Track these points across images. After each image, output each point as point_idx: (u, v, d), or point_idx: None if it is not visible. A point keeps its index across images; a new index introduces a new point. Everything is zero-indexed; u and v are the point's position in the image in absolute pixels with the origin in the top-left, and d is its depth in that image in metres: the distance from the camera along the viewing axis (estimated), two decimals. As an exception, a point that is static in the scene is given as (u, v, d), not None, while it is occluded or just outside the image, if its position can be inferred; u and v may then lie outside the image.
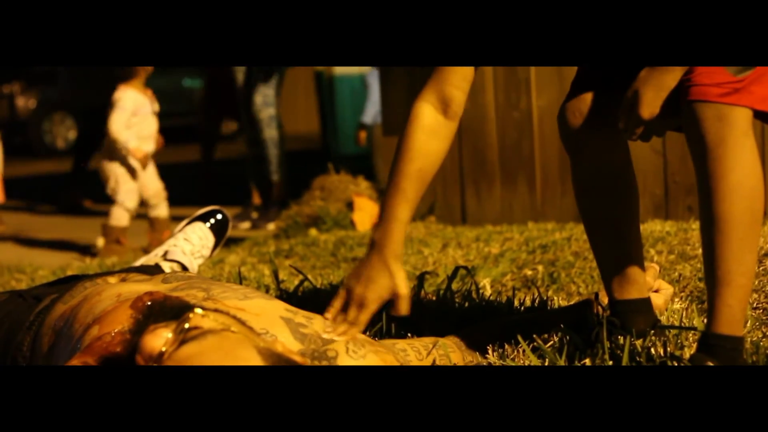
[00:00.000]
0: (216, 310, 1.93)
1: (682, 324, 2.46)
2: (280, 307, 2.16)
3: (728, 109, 1.92)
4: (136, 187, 5.65)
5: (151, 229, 5.74)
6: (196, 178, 8.43)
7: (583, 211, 2.35)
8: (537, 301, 2.91)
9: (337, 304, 2.23)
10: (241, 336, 1.80)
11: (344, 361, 2.08)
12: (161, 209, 5.74)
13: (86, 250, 5.79)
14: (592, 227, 2.34)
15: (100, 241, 5.70)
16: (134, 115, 5.59)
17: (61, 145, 14.31)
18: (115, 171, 5.62)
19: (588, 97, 2.25)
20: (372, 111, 7.62)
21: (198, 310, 1.83)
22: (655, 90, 1.99)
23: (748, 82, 1.93)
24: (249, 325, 1.96)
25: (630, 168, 2.30)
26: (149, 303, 2.05)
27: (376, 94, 7.09)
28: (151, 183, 5.71)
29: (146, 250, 5.43)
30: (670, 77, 1.98)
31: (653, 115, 2.01)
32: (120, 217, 5.64)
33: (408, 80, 5.12)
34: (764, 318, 2.64)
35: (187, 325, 1.76)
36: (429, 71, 5.52)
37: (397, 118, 5.17)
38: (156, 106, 5.75)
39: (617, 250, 2.31)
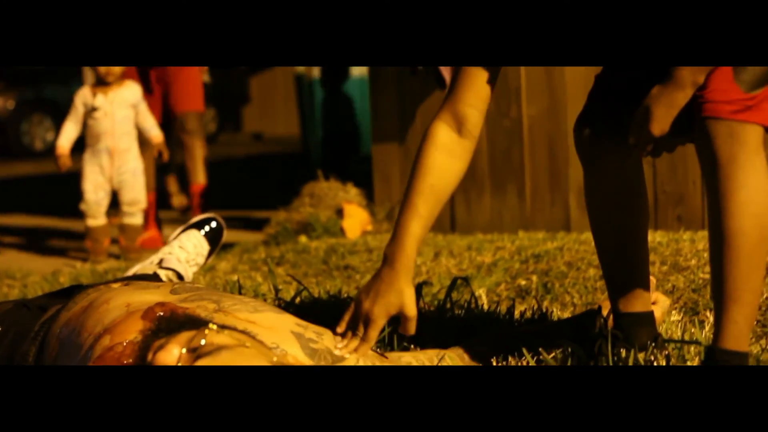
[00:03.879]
0: (224, 326, 1.93)
1: (683, 338, 2.48)
2: (291, 321, 2.16)
3: (740, 126, 1.95)
4: (89, 187, 5.33)
5: (122, 235, 5.44)
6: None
7: (593, 221, 2.37)
8: (536, 313, 2.92)
9: (347, 317, 2.24)
10: (255, 351, 1.81)
11: (355, 378, 2.09)
12: (134, 218, 5.41)
13: (73, 253, 5.74)
14: (601, 237, 2.36)
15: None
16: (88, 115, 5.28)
17: (39, 146, 14.17)
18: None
19: (603, 110, 2.27)
20: None
21: (212, 326, 1.84)
22: (665, 107, 2.01)
23: (760, 99, 1.96)
24: (260, 339, 1.97)
25: (642, 182, 2.33)
26: (161, 314, 2.05)
27: None
28: (130, 191, 5.36)
29: (124, 256, 5.32)
30: (681, 95, 2.00)
31: (663, 132, 2.03)
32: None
33: (397, 88, 5.13)
34: (759, 331, 2.67)
35: (203, 341, 1.77)
36: (419, 79, 5.45)
37: (387, 125, 5.18)
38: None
39: (624, 263, 2.33)
